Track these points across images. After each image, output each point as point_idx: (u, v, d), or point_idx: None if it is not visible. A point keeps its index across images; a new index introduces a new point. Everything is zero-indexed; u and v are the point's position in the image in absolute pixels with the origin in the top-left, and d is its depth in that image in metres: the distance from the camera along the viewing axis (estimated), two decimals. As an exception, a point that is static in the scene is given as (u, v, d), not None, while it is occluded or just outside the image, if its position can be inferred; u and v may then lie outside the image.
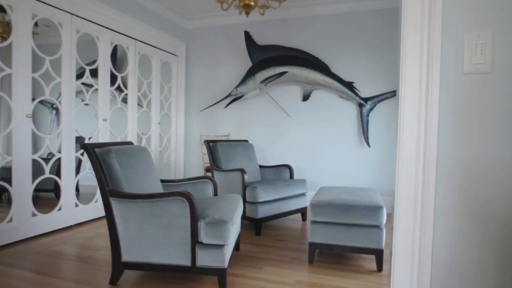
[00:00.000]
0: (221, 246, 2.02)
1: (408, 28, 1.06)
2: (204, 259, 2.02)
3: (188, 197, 2.00)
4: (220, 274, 2.03)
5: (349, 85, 4.41)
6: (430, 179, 1.07)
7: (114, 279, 2.14)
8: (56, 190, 4.24)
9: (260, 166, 4.05)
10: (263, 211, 3.26)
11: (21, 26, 2.86)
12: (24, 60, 2.90)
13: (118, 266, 2.13)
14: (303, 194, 3.69)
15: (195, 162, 5.28)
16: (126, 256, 2.12)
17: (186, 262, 2.04)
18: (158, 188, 2.51)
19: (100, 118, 3.75)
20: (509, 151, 1.00)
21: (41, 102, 3.32)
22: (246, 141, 4.24)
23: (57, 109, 5.91)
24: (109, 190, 2.09)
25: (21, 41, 2.87)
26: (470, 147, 1.05)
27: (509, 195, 1.01)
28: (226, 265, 2.03)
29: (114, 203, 2.09)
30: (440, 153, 1.07)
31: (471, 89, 1.03)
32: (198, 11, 4.89)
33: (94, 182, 3.74)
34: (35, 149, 3.16)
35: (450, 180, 1.07)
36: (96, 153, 2.12)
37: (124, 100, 4.22)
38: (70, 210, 3.38)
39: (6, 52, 2.85)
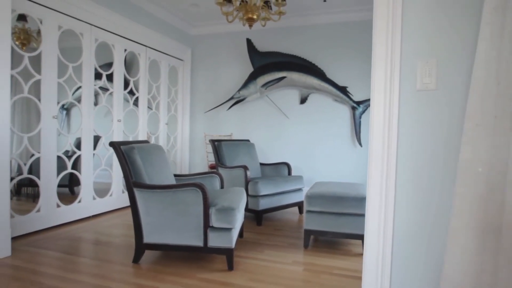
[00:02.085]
0: (229, 230, 2.37)
1: (376, 55, 1.42)
2: (215, 240, 2.37)
3: (201, 188, 2.35)
4: (228, 253, 2.39)
5: (343, 90, 4.77)
6: (391, 170, 1.42)
7: (136, 258, 2.49)
8: (70, 185, 4.59)
9: (261, 164, 4.40)
10: (263, 204, 3.61)
11: (49, 36, 3.21)
12: (51, 67, 3.24)
13: (140, 247, 2.48)
14: (300, 189, 4.04)
15: (200, 161, 5.63)
16: (147, 238, 2.47)
17: (199, 243, 2.39)
18: (172, 181, 2.86)
19: (115, 119, 4.10)
20: (447, 148, 1.36)
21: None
22: (248, 140, 4.59)
23: (67, 110, 6.25)
24: (133, 182, 2.44)
25: (49, 50, 3.21)
26: (420, 146, 1.40)
27: (447, 185, 1.36)
28: (233, 245, 2.38)
29: (137, 193, 2.44)
30: (399, 150, 1.42)
31: (422, 102, 1.39)
32: (203, 19, 5.24)
33: (106, 179, 4.13)
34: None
35: (406, 172, 1.43)
36: (122, 150, 2.47)
37: (135, 103, 4.56)
38: (88, 203, 3.73)
39: (35, 60, 3.18)
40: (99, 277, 2.26)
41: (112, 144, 2.48)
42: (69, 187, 4.61)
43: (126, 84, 4.31)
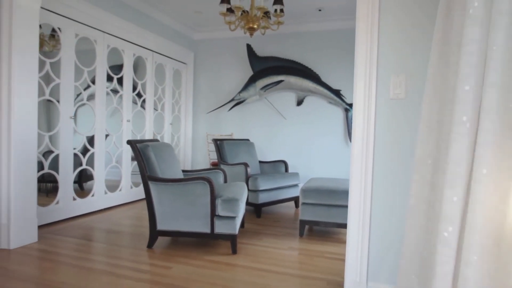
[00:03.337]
0: (233, 218, 2.69)
1: (357, 69, 1.75)
2: (220, 227, 2.69)
3: (209, 181, 2.67)
4: (232, 239, 2.71)
5: (337, 93, 5.10)
6: (369, 166, 1.75)
7: (151, 243, 2.80)
8: (80, 181, 4.88)
9: (260, 161, 4.73)
10: (263, 198, 3.93)
11: (67, 44, 3.51)
12: (69, 71, 3.55)
13: (154, 233, 2.80)
14: (296, 185, 4.37)
15: (202, 159, 5.94)
16: (161, 225, 2.78)
17: (206, 230, 2.71)
18: (181, 176, 3.18)
19: (124, 119, 4.41)
20: (412, 145, 1.69)
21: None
22: (248, 140, 4.91)
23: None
24: (148, 175, 2.76)
25: (67, 56, 3.51)
26: (392, 144, 1.73)
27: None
28: (236, 232, 2.70)
29: (152, 185, 2.75)
30: (375, 148, 1.75)
31: (393, 108, 1.72)
32: (205, 25, 5.56)
33: (114, 177, 4.43)
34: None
35: (381, 168, 1.75)
36: (138, 147, 2.79)
37: (142, 104, 4.87)
38: (100, 196, 4.04)
39: (54, 65, 3.48)
40: (118, 258, 2.58)
41: (129, 142, 2.79)
42: (78, 183, 4.90)
43: (134, 86, 4.61)
